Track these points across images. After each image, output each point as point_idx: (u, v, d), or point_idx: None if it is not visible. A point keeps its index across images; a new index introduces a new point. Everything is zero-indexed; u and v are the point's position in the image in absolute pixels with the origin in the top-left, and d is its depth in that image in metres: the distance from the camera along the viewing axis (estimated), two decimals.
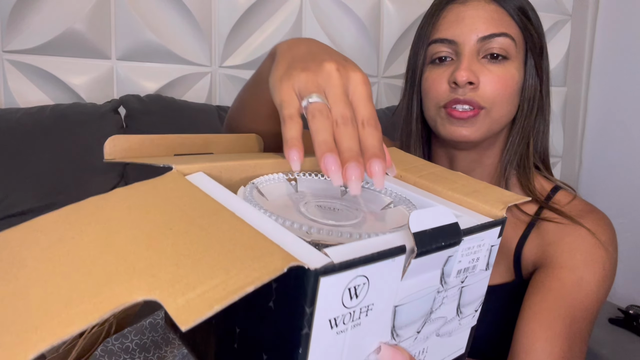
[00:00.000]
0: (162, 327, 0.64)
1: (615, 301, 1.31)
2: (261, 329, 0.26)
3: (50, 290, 0.20)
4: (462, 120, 0.62)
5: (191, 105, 1.14)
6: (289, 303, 0.23)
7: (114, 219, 0.26)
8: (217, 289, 0.20)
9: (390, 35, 1.45)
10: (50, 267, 0.22)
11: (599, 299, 0.59)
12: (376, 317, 0.26)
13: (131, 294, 0.20)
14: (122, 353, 0.59)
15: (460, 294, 0.32)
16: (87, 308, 0.19)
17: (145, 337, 0.62)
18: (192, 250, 0.23)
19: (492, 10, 0.62)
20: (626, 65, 1.53)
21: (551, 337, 0.55)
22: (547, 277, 0.60)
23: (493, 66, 0.62)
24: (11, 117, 1.00)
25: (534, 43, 0.65)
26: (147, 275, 0.21)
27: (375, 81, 1.47)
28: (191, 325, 0.18)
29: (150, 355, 0.62)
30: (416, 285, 0.28)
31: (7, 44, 1.12)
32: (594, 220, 0.63)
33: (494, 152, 0.68)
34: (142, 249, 0.23)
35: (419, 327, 0.30)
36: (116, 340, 0.60)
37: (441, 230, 0.27)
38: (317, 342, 0.23)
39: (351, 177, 0.29)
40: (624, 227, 1.50)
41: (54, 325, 0.18)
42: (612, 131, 1.57)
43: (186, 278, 0.21)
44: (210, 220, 0.26)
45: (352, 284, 0.24)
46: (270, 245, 0.23)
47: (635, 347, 0.96)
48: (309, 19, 1.37)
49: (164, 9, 1.22)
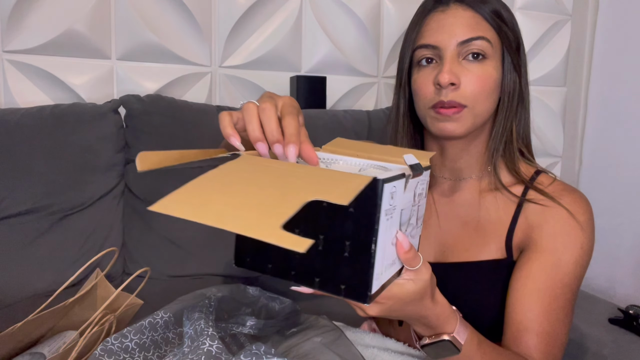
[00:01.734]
0: (161, 327, 0.65)
1: (615, 301, 1.31)
2: (344, 228, 0.40)
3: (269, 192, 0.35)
4: (448, 116, 0.70)
5: (191, 105, 1.14)
6: (365, 203, 0.39)
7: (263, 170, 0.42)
8: (349, 189, 0.35)
9: (390, 35, 1.45)
10: (264, 181, 0.38)
11: (577, 276, 0.69)
12: (397, 214, 0.43)
13: (307, 196, 0.33)
14: (122, 352, 0.59)
15: (417, 209, 0.51)
16: (293, 199, 0.33)
17: (145, 336, 0.62)
18: (320, 181, 0.38)
19: (469, 17, 0.70)
20: (626, 66, 1.52)
21: (536, 313, 0.66)
22: (530, 260, 0.69)
23: (472, 66, 0.70)
24: (11, 117, 1.00)
25: (509, 42, 0.72)
26: (309, 191, 0.35)
27: (375, 81, 1.48)
28: (351, 199, 0.33)
29: (149, 354, 0.62)
30: (407, 198, 0.45)
31: (7, 44, 1.12)
32: (573, 200, 0.71)
33: (480, 140, 0.77)
34: (295, 181, 0.38)
35: (406, 227, 0.47)
36: (115, 339, 0.60)
37: (416, 166, 0.47)
38: (381, 224, 0.40)
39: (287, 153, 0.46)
40: (624, 227, 1.50)
41: (284, 208, 0.31)
42: (612, 131, 1.57)
43: (328, 187, 0.36)
44: (309, 170, 0.41)
45: (392, 190, 0.41)
46: (355, 175, 0.39)
47: (635, 347, 0.96)
48: (309, 19, 1.37)
49: (164, 9, 1.23)
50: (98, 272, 0.77)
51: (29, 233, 0.96)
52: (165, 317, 0.66)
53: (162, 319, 0.65)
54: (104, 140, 1.06)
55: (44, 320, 0.66)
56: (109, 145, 1.06)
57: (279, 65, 1.36)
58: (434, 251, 0.80)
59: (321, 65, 1.40)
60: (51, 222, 0.98)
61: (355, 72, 1.44)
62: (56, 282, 0.91)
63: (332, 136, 1.18)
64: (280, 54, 1.35)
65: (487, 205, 0.77)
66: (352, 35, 1.42)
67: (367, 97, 1.48)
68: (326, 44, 1.39)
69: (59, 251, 0.98)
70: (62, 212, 1.00)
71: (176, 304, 0.69)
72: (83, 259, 0.98)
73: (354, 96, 1.46)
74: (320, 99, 1.34)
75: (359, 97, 1.47)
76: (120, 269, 1.05)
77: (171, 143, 1.08)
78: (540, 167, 0.78)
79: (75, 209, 1.01)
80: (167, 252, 1.05)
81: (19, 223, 0.96)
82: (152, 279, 0.79)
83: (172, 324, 0.66)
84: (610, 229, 1.51)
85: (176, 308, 0.67)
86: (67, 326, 0.71)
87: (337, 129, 1.20)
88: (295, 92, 1.32)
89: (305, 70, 1.39)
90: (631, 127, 1.51)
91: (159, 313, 0.66)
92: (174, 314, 0.66)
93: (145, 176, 1.08)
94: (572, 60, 1.70)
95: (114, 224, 1.06)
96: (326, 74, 1.39)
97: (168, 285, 1.02)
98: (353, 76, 1.44)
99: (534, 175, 0.76)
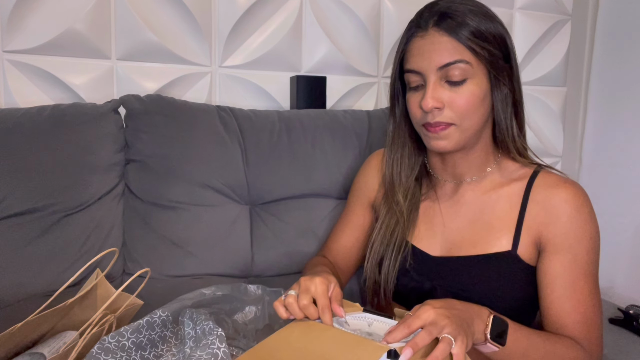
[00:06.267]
0: (158, 326, 0.65)
1: (615, 301, 1.31)
2: None
3: None
4: (437, 134, 0.75)
5: (191, 105, 1.14)
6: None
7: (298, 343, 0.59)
8: None
9: (390, 35, 1.45)
10: None
11: (593, 261, 0.76)
12: None
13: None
14: (119, 351, 0.59)
15: None
16: None
17: (142, 335, 0.62)
18: (342, 347, 0.56)
19: (446, 42, 0.73)
20: (626, 65, 1.52)
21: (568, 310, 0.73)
22: (551, 262, 0.75)
23: (455, 89, 0.74)
24: (11, 117, 1.00)
25: (493, 56, 0.74)
26: None
27: (375, 81, 1.48)
28: None
29: (146, 353, 0.62)
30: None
31: (7, 44, 1.12)
32: (574, 194, 0.75)
33: (478, 147, 0.81)
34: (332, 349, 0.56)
35: None
36: (112, 338, 0.60)
37: None
38: None
39: None
40: (624, 227, 1.50)
41: None
42: (612, 131, 1.57)
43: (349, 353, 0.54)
44: (334, 332, 0.60)
45: None
46: (371, 342, 0.56)
47: (635, 347, 0.96)
48: (309, 19, 1.37)
49: (164, 9, 1.23)
50: (98, 272, 0.77)
51: (29, 233, 0.96)
52: (163, 315, 0.66)
53: (160, 318, 0.65)
54: (104, 140, 1.06)
55: (44, 321, 0.66)
56: (109, 145, 1.06)
57: (279, 65, 1.36)
58: (441, 247, 0.82)
59: (321, 65, 1.40)
60: (51, 222, 0.98)
61: (355, 72, 1.44)
62: (56, 282, 0.91)
63: (332, 136, 1.19)
64: (280, 54, 1.35)
65: (491, 203, 0.80)
66: (352, 35, 1.42)
67: (367, 97, 1.48)
68: (326, 44, 1.39)
69: (59, 251, 0.98)
70: (62, 212, 1.00)
71: (175, 303, 0.69)
72: (83, 259, 0.98)
73: (354, 96, 1.46)
74: (320, 99, 1.34)
75: (359, 97, 1.47)
76: (120, 269, 1.05)
77: (171, 143, 1.08)
78: (541, 162, 0.83)
79: (75, 209, 1.01)
80: (167, 252, 1.05)
81: (19, 223, 0.96)
82: (152, 279, 0.79)
83: (170, 322, 0.66)
84: (610, 229, 1.50)
85: (174, 307, 0.67)
86: (67, 326, 0.71)
87: (337, 129, 1.20)
88: (295, 92, 1.32)
89: (305, 70, 1.39)
90: (631, 127, 1.51)
91: (157, 312, 0.66)
92: (172, 313, 0.67)
93: (145, 176, 1.08)
94: (572, 60, 1.70)
95: (114, 224, 1.06)
96: (326, 74, 1.39)
97: (168, 285, 1.02)
98: (353, 76, 1.44)
99: (536, 169, 0.80)
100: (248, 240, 1.11)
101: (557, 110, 1.68)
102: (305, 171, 1.16)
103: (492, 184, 0.81)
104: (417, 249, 0.83)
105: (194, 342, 0.59)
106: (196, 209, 1.07)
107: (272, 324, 0.73)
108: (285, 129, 1.17)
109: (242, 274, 1.10)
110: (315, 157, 1.17)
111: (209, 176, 1.09)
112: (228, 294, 0.73)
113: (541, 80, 1.65)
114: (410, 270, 0.82)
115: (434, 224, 0.84)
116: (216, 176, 1.09)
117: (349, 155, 1.19)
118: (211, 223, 1.08)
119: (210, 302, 0.70)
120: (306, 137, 1.17)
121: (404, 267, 0.83)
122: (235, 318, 0.71)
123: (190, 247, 1.06)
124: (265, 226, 1.13)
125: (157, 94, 1.14)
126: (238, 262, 1.10)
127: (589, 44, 1.66)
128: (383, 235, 0.85)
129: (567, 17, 1.66)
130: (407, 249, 0.83)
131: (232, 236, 1.10)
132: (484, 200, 0.81)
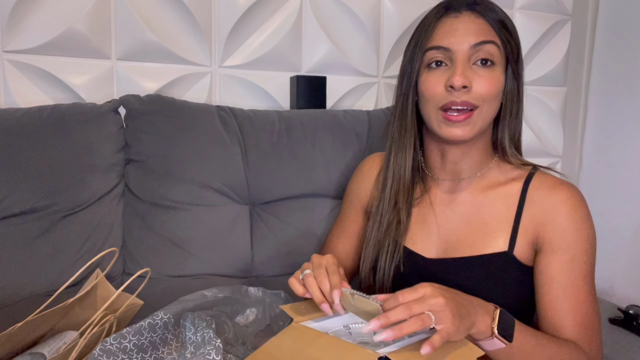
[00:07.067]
0: (160, 328, 0.65)
1: (615, 301, 1.31)
2: None
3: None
4: (458, 122, 0.74)
5: (191, 105, 1.14)
6: None
7: None
8: None
9: (390, 35, 1.45)
10: None
11: (591, 262, 0.75)
12: None
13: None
14: (120, 353, 0.59)
15: None
16: None
17: (144, 337, 0.62)
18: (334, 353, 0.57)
19: (480, 23, 0.75)
20: (626, 66, 1.53)
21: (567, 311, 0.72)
22: (549, 263, 0.75)
23: (482, 71, 0.74)
24: (11, 117, 1.00)
25: (512, 51, 0.77)
26: None
27: (375, 81, 1.48)
28: None
29: (147, 355, 0.62)
30: None
31: (7, 44, 1.12)
32: (571, 195, 0.76)
33: (480, 144, 0.81)
34: None
35: None
36: (114, 340, 0.60)
37: None
38: None
39: None
40: (624, 227, 1.50)
41: None
42: (612, 131, 1.57)
43: None
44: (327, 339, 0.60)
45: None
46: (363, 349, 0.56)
47: (635, 347, 0.96)
48: (309, 19, 1.37)
49: (164, 9, 1.23)
50: (98, 272, 0.77)
51: (29, 233, 0.96)
52: (165, 318, 0.66)
53: (162, 320, 0.65)
54: (104, 140, 1.06)
55: (44, 321, 0.66)
56: (109, 145, 1.06)
57: (279, 65, 1.36)
58: (436, 248, 0.82)
59: (321, 65, 1.40)
60: (51, 222, 0.98)
61: (355, 72, 1.44)
62: (56, 282, 0.91)
63: (332, 136, 1.19)
64: (280, 54, 1.35)
65: (488, 202, 0.80)
66: (352, 35, 1.42)
67: (367, 97, 1.48)
68: (326, 44, 1.39)
69: (59, 251, 0.98)
70: (62, 212, 1.00)
71: (176, 304, 0.69)
72: (83, 259, 0.98)
73: (354, 96, 1.46)
74: (320, 99, 1.34)
75: (359, 97, 1.47)
76: (121, 269, 1.05)
77: (171, 143, 1.08)
78: (536, 164, 0.83)
79: (75, 209, 1.01)
80: (167, 252, 1.05)
81: (19, 223, 0.96)
82: (152, 279, 0.79)
83: (172, 325, 0.66)
84: (609, 229, 1.51)
85: (176, 309, 0.67)
86: (67, 326, 0.71)
87: (337, 128, 1.20)
88: (295, 92, 1.32)
89: (305, 70, 1.39)
90: (631, 127, 1.51)
91: (159, 314, 0.66)
92: (174, 315, 0.66)
93: (145, 176, 1.08)
94: (572, 60, 1.70)
95: (114, 224, 1.06)
96: (326, 74, 1.39)
97: (168, 285, 1.02)
98: (353, 76, 1.44)
99: (532, 171, 0.81)
100: (248, 240, 1.11)
101: (557, 110, 1.68)
102: (305, 171, 1.16)
103: (489, 183, 0.81)
104: (411, 251, 0.83)
105: (195, 348, 0.60)
106: (196, 209, 1.08)
107: (272, 324, 0.73)
108: (285, 129, 1.17)
109: (242, 274, 1.10)
110: (315, 157, 1.17)
111: (209, 176, 1.09)
112: (229, 296, 0.73)
113: (541, 80, 1.65)
114: (405, 274, 0.82)
115: (428, 223, 0.83)
116: (216, 176, 1.09)
117: (349, 155, 1.19)
118: (211, 223, 1.08)
119: (212, 305, 0.70)
120: (306, 137, 1.17)
121: (399, 271, 0.82)
122: (236, 321, 0.71)
123: (190, 247, 1.06)
124: (265, 226, 1.13)
125: (157, 94, 1.14)
126: (238, 262, 1.10)
127: (589, 44, 1.67)
128: (375, 238, 0.85)
129: (567, 17, 1.66)
130: (399, 252, 0.82)
131: (232, 236, 1.10)
132: (480, 200, 0.80)
